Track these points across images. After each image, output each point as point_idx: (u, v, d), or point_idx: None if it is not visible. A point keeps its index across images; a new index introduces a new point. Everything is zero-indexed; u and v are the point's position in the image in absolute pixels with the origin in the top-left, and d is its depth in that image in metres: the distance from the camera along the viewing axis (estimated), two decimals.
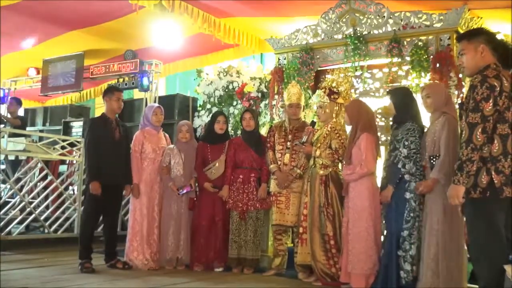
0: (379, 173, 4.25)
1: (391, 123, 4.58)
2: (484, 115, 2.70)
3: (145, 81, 7.75)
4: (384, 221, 4.17)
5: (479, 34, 2.99)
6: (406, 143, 3.86)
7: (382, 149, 4.56)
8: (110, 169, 4.77)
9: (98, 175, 4.73)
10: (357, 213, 4.14)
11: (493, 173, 2.71)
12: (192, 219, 5.10)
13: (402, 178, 3.90)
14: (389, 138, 4.41)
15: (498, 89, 2.72)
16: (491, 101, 2.70)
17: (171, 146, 5.26)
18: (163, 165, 5.12)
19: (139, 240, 4.99)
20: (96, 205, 4.83)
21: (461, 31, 4.70)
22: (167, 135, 5.46)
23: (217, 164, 5.01)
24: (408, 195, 3.87)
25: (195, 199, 5.10)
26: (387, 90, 4.57)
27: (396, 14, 5.20)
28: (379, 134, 4.62)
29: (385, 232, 4.18)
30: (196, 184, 5.11)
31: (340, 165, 4.52)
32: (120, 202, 5.24)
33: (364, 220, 4.10)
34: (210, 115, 6.63)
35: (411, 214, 3.84)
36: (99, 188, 4.70)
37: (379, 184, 4.19)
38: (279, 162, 4.82)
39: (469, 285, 3.79)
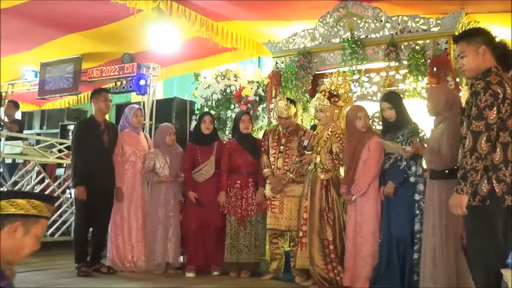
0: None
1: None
2: (489, 123, 2.61)
3: (142, 82, 7.71)
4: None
5: (477, 35, 2.88)
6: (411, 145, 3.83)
7: None
8: (98, 172, 4.75)
9: (84, 180, 4.70)
10: (365, 215, 4.14)
11: (494, 181, 2.65)
12: (182, 222, 5.04)
13: (407, 179, 3.90)
14: None
15: (501, 96, 2.64)
16: (495, 108, 2.62)
17: (154, 149, 5.19)
18: (148, 169, 5.07)
19: (121, 244, 4.97)
20: (85, 210, 4.80)
21: None
22: (148, 135, 5.42)
23: (207, 165, 4.97)
24: (417, 196, 3.88)
25: (183, 201, 5.05)
26: (382, 96, 4.53)
27: (394, 18, 5.21)
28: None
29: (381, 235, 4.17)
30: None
31: (341, 169, 4.51)
32: (111, 205, 5.14)
33: (372, 223, 4.12)
34: None
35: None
36: (84, 192, 4.68)
37: None
38: (272, 166, 4.81)
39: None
